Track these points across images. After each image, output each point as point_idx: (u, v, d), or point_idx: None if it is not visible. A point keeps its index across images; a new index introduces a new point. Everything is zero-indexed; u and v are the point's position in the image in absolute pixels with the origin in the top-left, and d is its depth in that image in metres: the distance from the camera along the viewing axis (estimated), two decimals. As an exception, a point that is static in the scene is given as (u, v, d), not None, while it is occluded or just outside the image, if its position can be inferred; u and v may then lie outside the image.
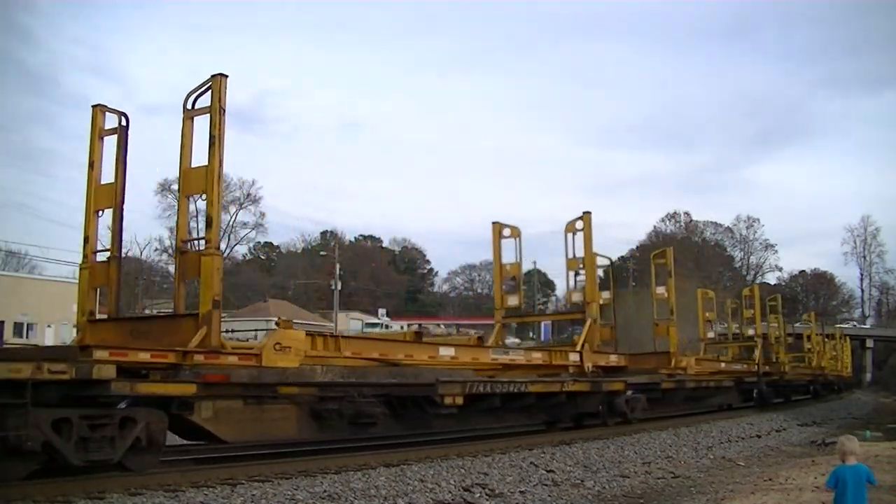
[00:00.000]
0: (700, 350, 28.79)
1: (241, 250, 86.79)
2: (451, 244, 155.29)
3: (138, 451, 8.44)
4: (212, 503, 7.76)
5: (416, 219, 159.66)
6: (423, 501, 8.69)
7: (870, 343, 76.92)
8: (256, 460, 10.54)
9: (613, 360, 18.92)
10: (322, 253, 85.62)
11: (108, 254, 10.69)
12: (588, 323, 17.56)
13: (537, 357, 16.28)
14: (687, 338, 29.32)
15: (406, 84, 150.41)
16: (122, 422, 8.27)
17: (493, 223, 18.96)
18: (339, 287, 68.49)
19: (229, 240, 74.07)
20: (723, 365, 27.44)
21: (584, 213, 17.97)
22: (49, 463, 7.93)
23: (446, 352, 13.49)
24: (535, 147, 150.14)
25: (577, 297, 18.62)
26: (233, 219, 73.58)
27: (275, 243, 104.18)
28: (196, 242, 10.18)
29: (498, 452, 12.57)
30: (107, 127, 10.97)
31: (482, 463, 11.48)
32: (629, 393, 18.73)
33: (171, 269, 78.17)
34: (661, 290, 23.03)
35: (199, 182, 9.79)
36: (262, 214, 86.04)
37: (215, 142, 9.61)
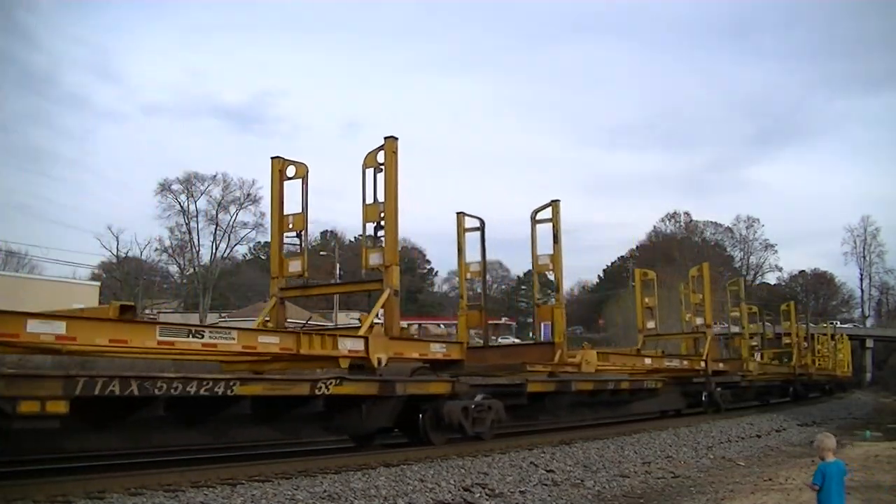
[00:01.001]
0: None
1: (241, 250, 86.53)
2: (451, 244, 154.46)
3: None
4: (212, 503, 7.75)
5: (416, 219, 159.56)
6: (423, 501, 8.69)
7: (870, 343, 76.97)
8: (256, 460, 10.53)
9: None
10: (322, 253, 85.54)
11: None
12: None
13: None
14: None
15: (406, 84, 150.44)
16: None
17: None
18: (339, 287, 68.40)
19: (229, 240, 73.94)
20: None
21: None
22: None
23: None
24: (535, 147, 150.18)
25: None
26: (233, 219, 73.45)
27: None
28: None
29: (498, 452, 12.56)
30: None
31: (482, 463, 11.47)
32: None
33: (171, 269, 78.61)
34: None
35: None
36: (262, 214, 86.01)
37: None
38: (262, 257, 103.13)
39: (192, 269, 72.82)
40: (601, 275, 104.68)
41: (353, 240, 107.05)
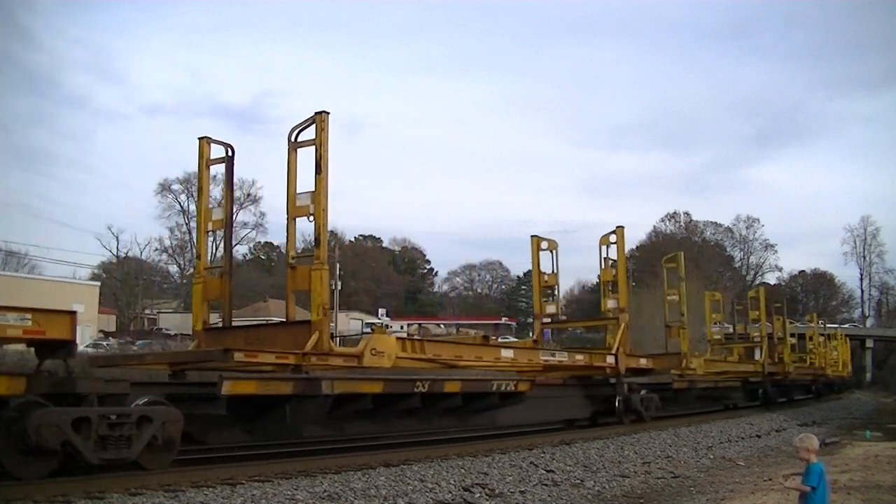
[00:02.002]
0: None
1: (241, 250, 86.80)
2: (451, 244, 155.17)
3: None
4: (212, 503, 7.75)
5: (416, 219, 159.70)
6: (423, 501, 8.68)
7: (870, 343, 76.95)
8: (256, 460, 10.53)
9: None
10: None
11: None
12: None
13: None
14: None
15: (406, 84, 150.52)
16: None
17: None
18: (339, 287, 68.50)
19: (229, 240, 73.89)
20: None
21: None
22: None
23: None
24: (535, 147, 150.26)
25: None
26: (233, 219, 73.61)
27: (275, 243, 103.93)
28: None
29: (498, 452, 12.58)
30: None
31: (482, 463, 11.48)
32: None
33: (171, 269, 78.62)
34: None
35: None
36: (262, 214, 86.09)
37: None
38: (262, 257, 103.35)
39: (193, 269, 72.90)
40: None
41: (353, 240, 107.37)
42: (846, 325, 78.13)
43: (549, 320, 20.55)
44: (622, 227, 19.47)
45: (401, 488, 9.17)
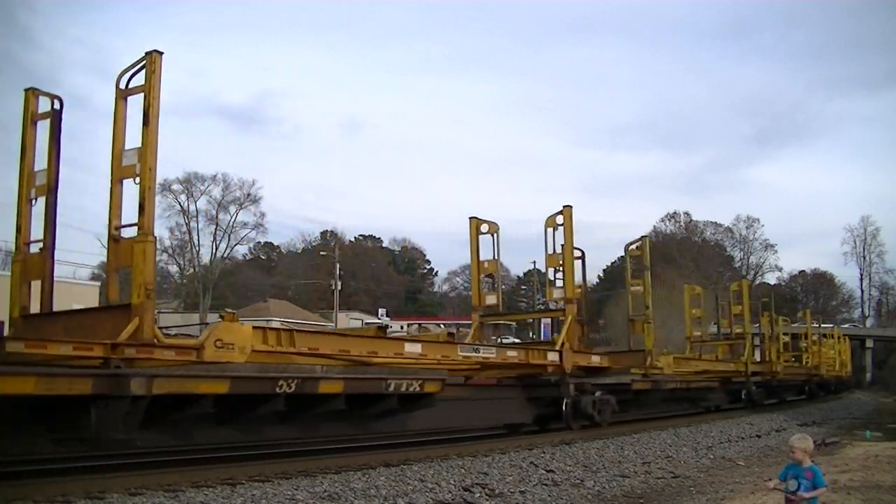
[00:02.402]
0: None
1: (241, 250, 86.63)
2: (451, 244, 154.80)
3: None
4: (212, 503, 7.76)
5: (416, 219, 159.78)
6: (423, 501, 8.68)
7: (869, 343, 76.94)
8: (256, 460, 10.54)
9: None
10: (322, 253, 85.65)
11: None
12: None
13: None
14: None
15: (406, 84, 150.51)
16: None
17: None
18: (339, 287, 68.65)
19: (229, 240, 73.99)
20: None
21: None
22: None
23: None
24: (535, 147, 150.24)
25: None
26: (233, 219, 73.56)
27: (275, 243, 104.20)
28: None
29: (498, 452, 12.58)
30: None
31: (482, 463, 11.48)
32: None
33: (171, 269, 78.67)
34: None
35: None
36: (262, 214, 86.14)
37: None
38: (262, 257, 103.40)
39: (192, 269, 72.89)
40: (601, 275, 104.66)
41: (353, 240, 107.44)
42: (846, 325, 78.11)
43: (488, 312, 17.93)
44: (570, 206, 17.46)
45: (401, 488, 9.17)
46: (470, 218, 18.16)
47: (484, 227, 18.10)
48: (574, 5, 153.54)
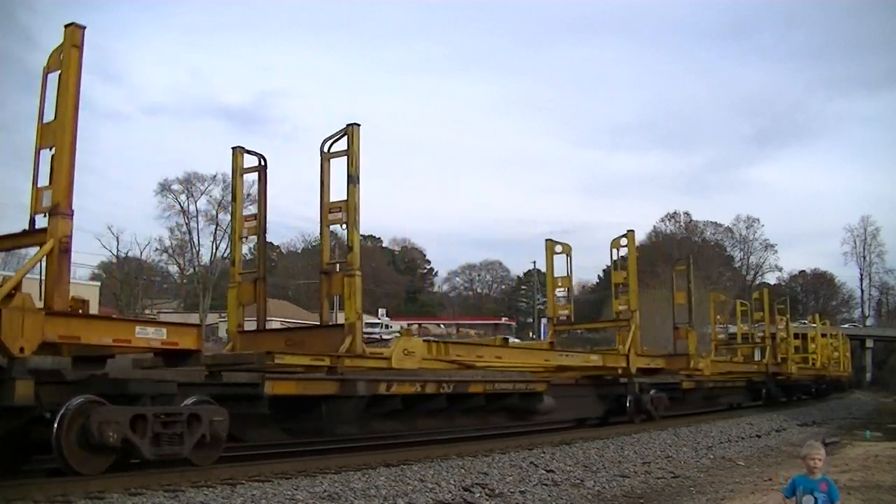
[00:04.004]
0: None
1: (241, 250, 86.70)
2: (451, 244, 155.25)
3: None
4: (212, 503, 7.75)
5: (416, 219, 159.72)
6: (423, 501, 8.68)
7: (870, 343, 76.95)
8: (256, 460, 10.54)
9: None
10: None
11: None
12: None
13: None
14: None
15: (406, 84, 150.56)
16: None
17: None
18: (338, 287, 68.29)
19: (230, 240, 73.85)
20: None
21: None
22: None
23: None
24: (535, 147, 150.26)
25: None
26: (233, 219, 73.53)
27: (275, 243, 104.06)
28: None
29: (498, 452, 12.57)
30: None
31: (482, 463, 11.48)
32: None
33: (171, 269, 78.54)
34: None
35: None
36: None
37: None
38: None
39: (192, 269, 72.81)
40: (601, 275, 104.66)
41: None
42: (846, 325, 78.12)
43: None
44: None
45: (401, 488, 9.16)
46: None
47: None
48: (574, 5, 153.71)
